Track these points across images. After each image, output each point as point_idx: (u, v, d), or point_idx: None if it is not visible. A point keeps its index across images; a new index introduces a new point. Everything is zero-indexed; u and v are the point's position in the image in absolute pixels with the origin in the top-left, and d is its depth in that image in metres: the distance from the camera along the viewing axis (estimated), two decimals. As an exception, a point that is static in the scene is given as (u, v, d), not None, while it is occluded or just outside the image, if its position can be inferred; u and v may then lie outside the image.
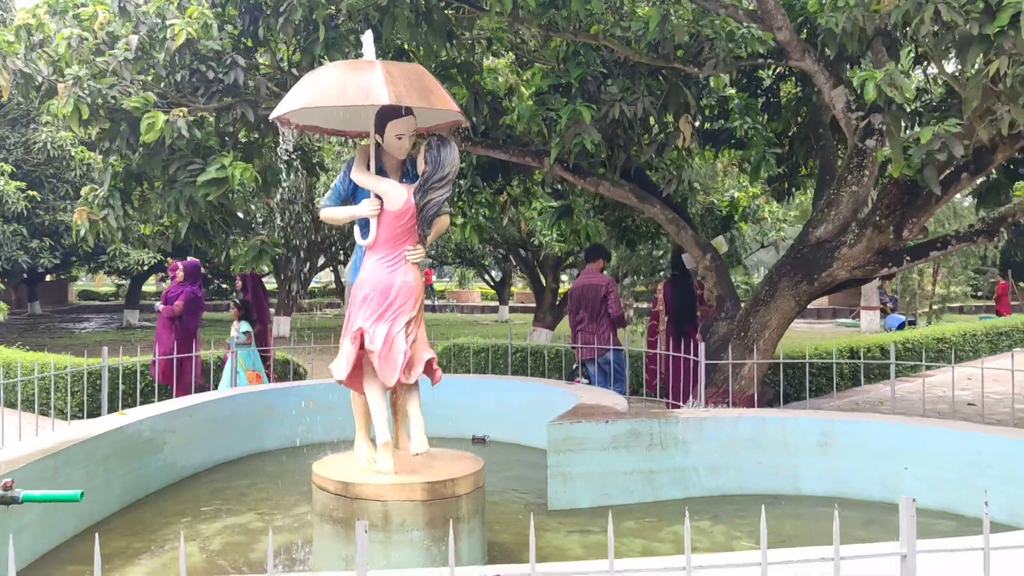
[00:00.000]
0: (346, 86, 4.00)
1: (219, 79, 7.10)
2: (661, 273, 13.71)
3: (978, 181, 7.46)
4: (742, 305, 7.66)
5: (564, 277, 19.15)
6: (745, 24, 6.81)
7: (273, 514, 5.39)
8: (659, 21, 6.47)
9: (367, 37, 4.42)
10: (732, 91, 9.59)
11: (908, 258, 6.58)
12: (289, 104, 4.10)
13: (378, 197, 4.33)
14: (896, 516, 1.88)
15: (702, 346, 6.35)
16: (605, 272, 8.64)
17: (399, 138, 4.35)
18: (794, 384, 10.23)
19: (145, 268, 24.68)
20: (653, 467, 5.58)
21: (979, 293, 25.80)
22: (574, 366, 8.51)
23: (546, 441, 5.52)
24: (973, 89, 5.27)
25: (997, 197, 8.81)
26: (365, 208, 4.32)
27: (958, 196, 14.18)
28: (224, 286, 28.30)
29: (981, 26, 5.02)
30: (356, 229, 4.46)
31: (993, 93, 5.42)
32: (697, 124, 8.38)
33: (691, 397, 6.90)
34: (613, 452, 5.49)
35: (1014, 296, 24.06)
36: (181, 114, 6.51)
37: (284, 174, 8.51)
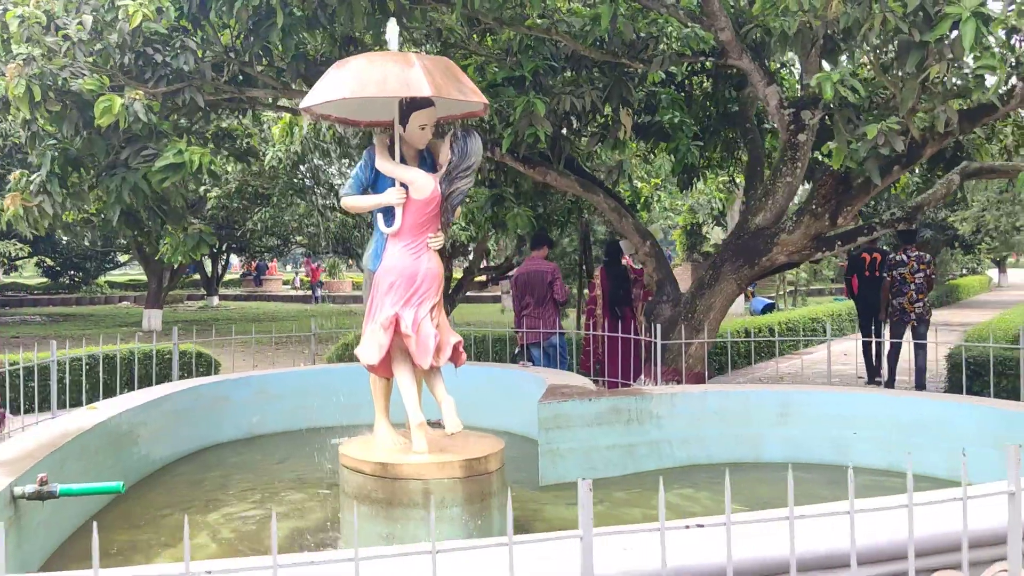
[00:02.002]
0: (387, 78, 4.07)
1: (166, 63, 6.90)
2: (568, 258, 14.14)
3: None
4: (682, 289, 8.12)
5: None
6: (689, 24, 7.23)
7: (267, 503, 5.38)
8: (611, 17, 6.78)
9: (391, 31, 4.49)
10: (647, 84, 10.07)
11: (839, 243, 7.22)
12: (328, 93, 4.13)
13: (403, 185, 4.43)
14: (859, 478, 2.18)
15: (657, 328, 6.73)
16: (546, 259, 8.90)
17: (422, 128, 4.46)
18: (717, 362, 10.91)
19: (8, 262, 23.19)
20: (632, 441, 5.91)
21: (831, 276, 27.86)
22: (516, 349, 8.76)
23: (535, 420, 5.75)
24: (909, 90, 5.87)
25: (892, 186, 9.68)
26: (392, 196, 4.41)
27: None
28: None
29: (921, 33, 5.60)
30: (379, 216, 4.54)
31: (923, 94, 6.04)
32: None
33: (642, 376, 7.29)
34: (597, 428, 5.79)
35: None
36: (137, 96, 6.31)
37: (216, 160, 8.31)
